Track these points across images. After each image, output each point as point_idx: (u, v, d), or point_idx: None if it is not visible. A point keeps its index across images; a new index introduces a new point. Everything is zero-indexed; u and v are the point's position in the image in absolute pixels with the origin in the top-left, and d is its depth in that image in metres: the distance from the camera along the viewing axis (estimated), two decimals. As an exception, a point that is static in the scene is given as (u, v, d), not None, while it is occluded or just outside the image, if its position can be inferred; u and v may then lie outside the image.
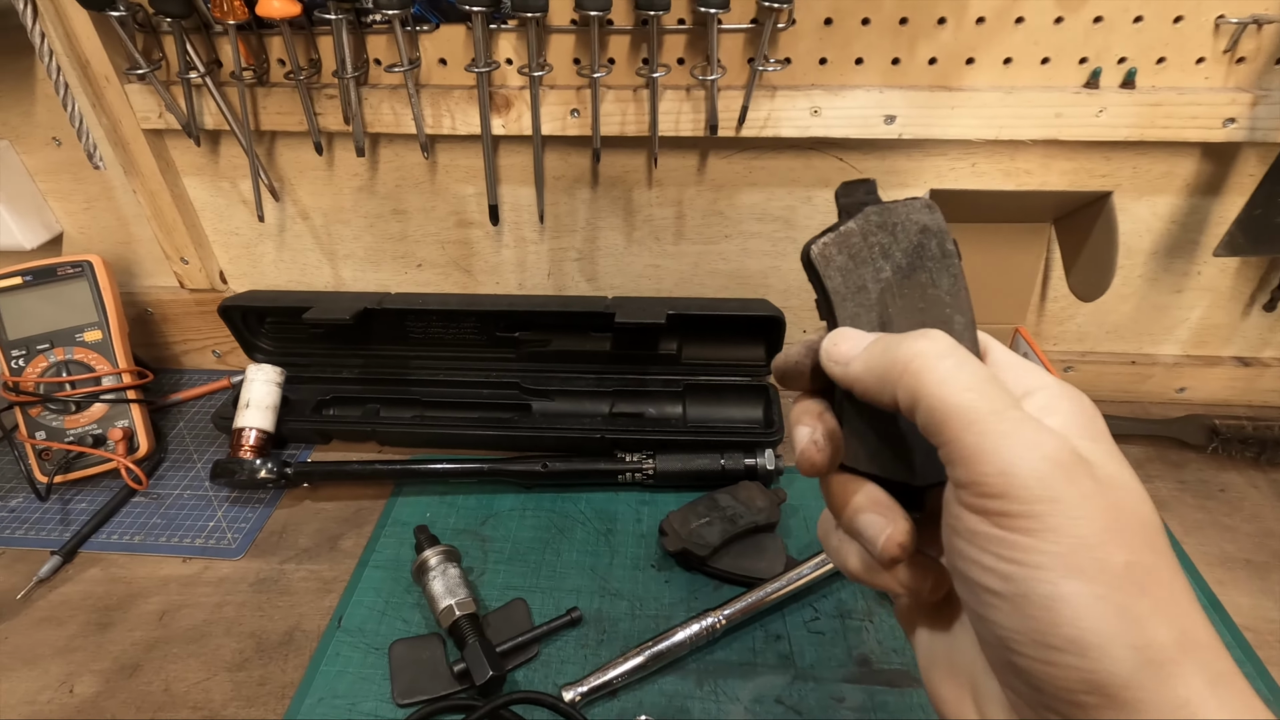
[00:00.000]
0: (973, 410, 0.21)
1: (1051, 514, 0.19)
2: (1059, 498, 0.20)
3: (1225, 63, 0.52)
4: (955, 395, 0.21)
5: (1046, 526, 0.19)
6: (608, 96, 0.55)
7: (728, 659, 0.48)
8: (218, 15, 0.51)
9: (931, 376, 0.21)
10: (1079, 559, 0.19)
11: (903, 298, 0.25)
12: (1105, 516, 0.20)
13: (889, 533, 0.24)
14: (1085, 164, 0.57)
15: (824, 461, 0.25)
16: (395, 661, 0.47)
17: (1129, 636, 0.19)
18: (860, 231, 0.26)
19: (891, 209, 0.26)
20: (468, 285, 0.69)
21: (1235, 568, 0.53)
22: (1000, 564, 0.20)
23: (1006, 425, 0.20)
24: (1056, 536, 0.19)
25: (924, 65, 0.53)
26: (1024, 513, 0.20)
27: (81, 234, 0.70)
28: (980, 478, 0.20)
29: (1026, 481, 0.20)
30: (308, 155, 0.62)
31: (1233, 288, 0.63)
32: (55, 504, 0.60)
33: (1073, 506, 0.20)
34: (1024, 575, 0.19)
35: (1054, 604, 0.19)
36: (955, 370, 0.21)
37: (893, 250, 0.25)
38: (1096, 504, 0.20)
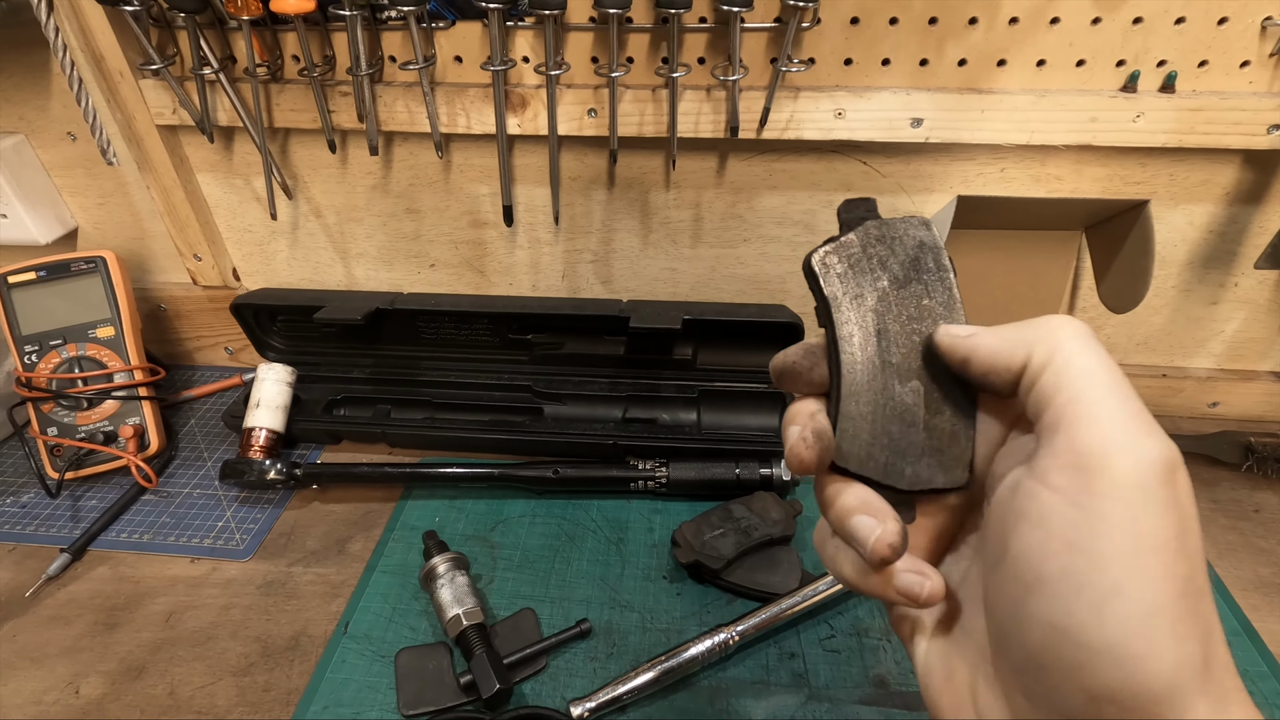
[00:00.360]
0: (1102, 383, 0.21)
1: (1138, 503, 0.19)
2: (1150, 493, 0.19)
3: (1271, 66, 0.50)
4: (1091, 364, 0.21)
5: (1127, 515, 0.19)
6: (626, 96, 0.54)
7: (740, 677, 0.46)
8: (232, 11, 0.50)
9: (1072, 341, 0.22)
10: (1149, 560, 0.19)
11: (898, 307, 0.26)
12: (1180, 526, 0.20)
13: (879, 533, 0.24)
14: (1120, 171, 0.55)
15: (812, 459, 0.25)
16: (401, 671, 0.46)
17: (1171, 653, 0.19)
18: (860, 243, 0.27)
19: (890, 224, 0.27)
20: (481, 286, 0.68)
21: (1271, 593, 0.51)
22: (1066, 551, 0.20)
23: (1128, 409, 0.20)
24: (1133, 529, 0.19)
25: (953, 67, 0.52)
26: (1110, 493, 0.19)
27: (96, 229, 0.69)
28: (1085, 445, 0.20)
29: (1127, 464, 0.19)
30: (321, 153, 0.61)
31: (1271, 300, 0.60)
32: (66, 500, 0.60)
33: (1158, 505, 0.19)
34: (1088, 564, 0.19)
35: (1111, 599, 0.19)
36: (1094, 345, 0.22)
37: (890, 262, 0.26)
38: (1177, 513, 0.20)
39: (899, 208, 0.59)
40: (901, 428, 0.25)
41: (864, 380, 0.26)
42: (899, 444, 0.25)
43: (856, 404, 0.26)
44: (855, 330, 0.26)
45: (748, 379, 0.64)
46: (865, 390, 0.26)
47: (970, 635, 0.25)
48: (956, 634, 0.26)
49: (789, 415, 0.27)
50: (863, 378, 0.26)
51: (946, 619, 0.26)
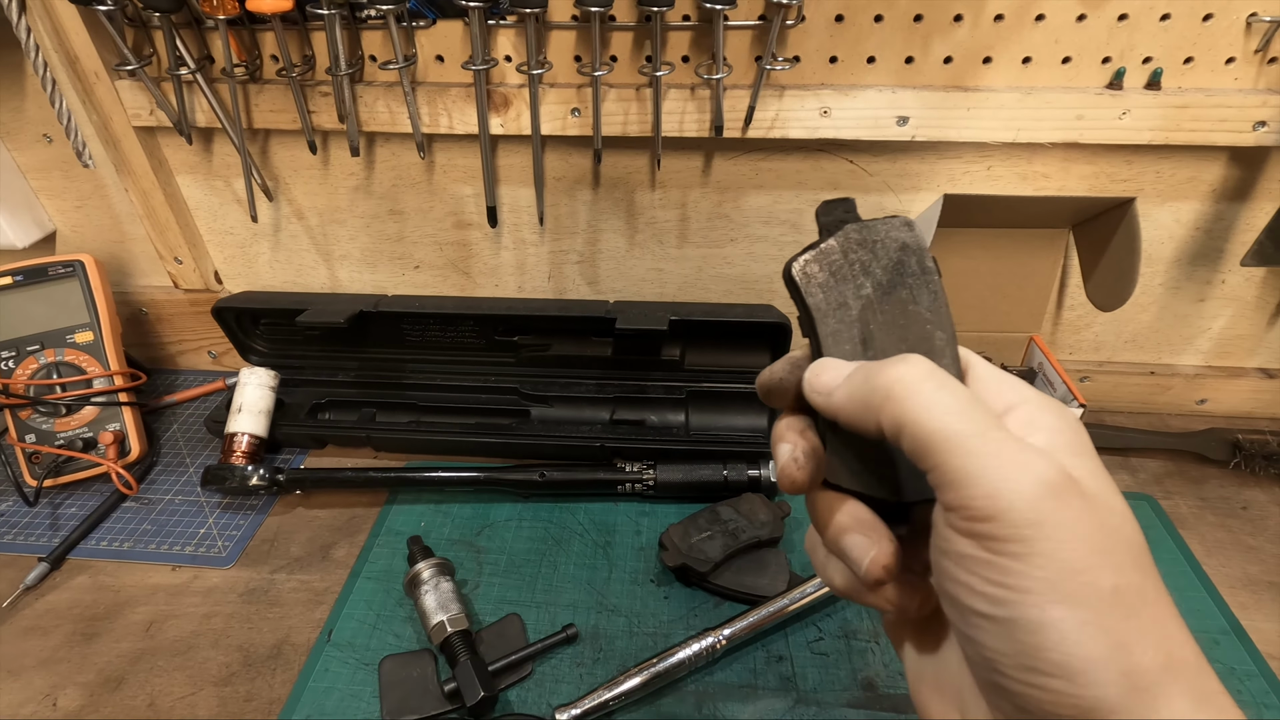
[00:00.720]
0: (957, 434, 0.20)
1: (1039, 537, 0.19)
2: (1046, 520, 0.19)
3: (1257, 63, 0.49)
4: (938, 420, 0.21)
5: (1034, 551, 0.19)
6: (609, 95, 0.53)
7: (728, 680, 0.46)
8: (207, 10, 0.50)
9: (913, 403, 0.21)
10: (1067, 584, 0.19)
11: (883, 314, 0.25)
12: (1094, 538, 0.20)
13: (873, 555, 0.24)
14: (1106, 168, 0.55)
15: (804, 479, 0.25)
16: (385, 679, 0.46)
17: (1116, 662, 0.19)
18: (841, 249, 0.26)
19: (871, 226, 0.26)
20: (466, 288, 0.67)
21: (1259, 590, 0.51)
22: (988, 588, 0.20)
23: (991, 447, 0.20)
24: (1044, 561, 0.19)
25: (939, 64, 0.51)
26: (1012, 536, 0.19)
27: (74, 233, 0.68)
28: (968, 501, 0.20)
29: (1014, 504, 0.19)
30: (302, 154, 0.60)
31: (1258, 297, 0.60)
32: (44, 509, 0.59)
33: (1060, 529, 0.19)
34: (1012, 600, 0.19)
35: (1042, 629, 0.19)
36: (936, 394, 0.21)
37: (873, 267, 0.26)
38: (1085, 525, 0.20)
39: (886, 206, 0.58)
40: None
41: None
42: (889, 457, 0.25)
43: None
44: (842, 340, 0.25)
45: (736, 379, 0.63)
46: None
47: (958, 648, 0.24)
48: (946, 643, 0.25)
49: (777, 432, 0.26)
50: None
51: (937, 627, 0.26)
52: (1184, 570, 0.52)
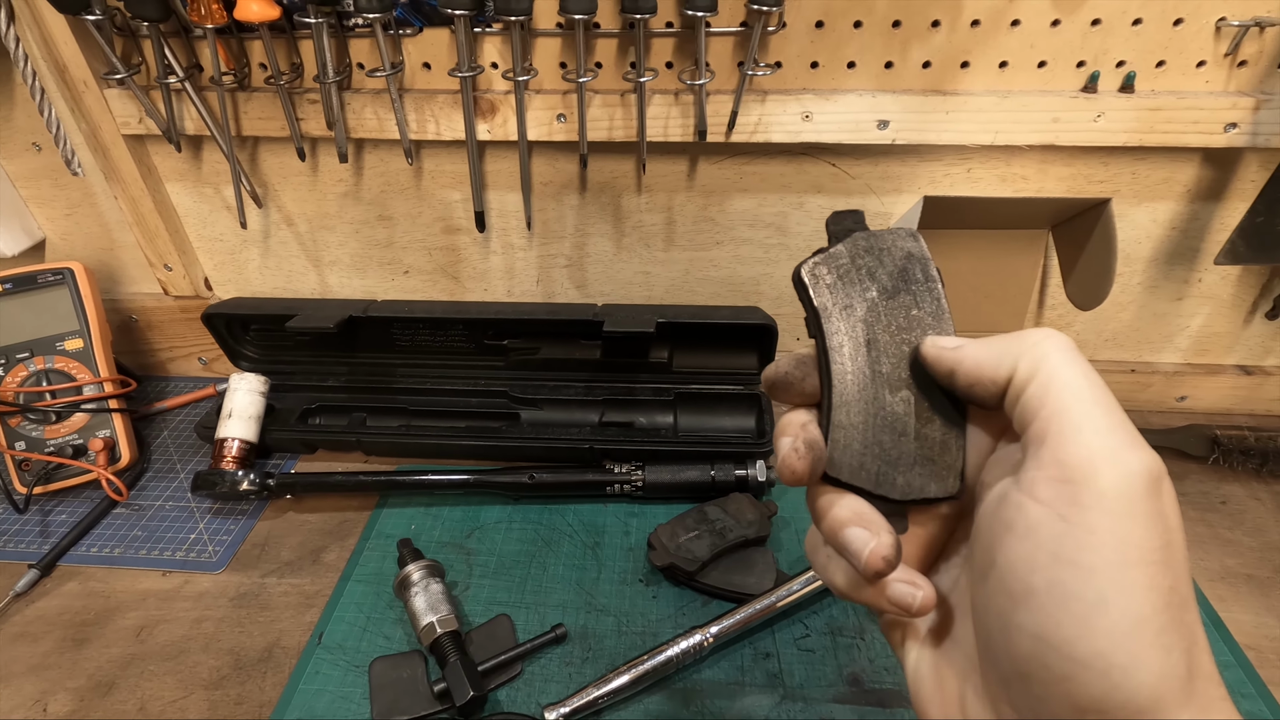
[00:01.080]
0: (1086, 396, 0.21)
1: (1123, 515, 0.19)
2: (1135, 504, 0.19)
3: (1227, 66, 0.50)
4: (1076, 377, 0.21)
5: (1113, 528, 0.19)
6: (594, 101, 0.54)
7: (715, 678, 0.47)
8: (195, 19, 0.50)
9: (1057, 354, 0.22)
10: (1135, 572, 0.19)
11: (887, 317, 0.26)
12: (1165, 538, 0.20)
13: (873, 546, 0.24)
14: (1083, 170, 0.56)
15: (804, 469, 0.25)
16: (375, 680, 0.46)
17: (1156, 664, 0.19)
18: (849, 254, 0.27)
19: (879, 235, 0.27)
20: (455, 292, 0.68)
21: (1237, 583, 0.52)
22: (1053, 564, 0.20)
23: (1112, 421, 0.21)
24: (1119, 543, 0.19)
25: (918, 69, 0.52)
26: (1096, 505, 0.19)
27: (64, 240, 0.69)
28: (1071, 457, 0.20)
29: (1112, 475, 0.20)
30: (291, 161, 0.61)
31: (1234, 295, 0.62)
32: (34, 515, 0.59)
33: (1144, 517, 0.19)
34: (1074, 576, 0.19)
35: (1096, 611, 0.19)
36: (1078, 359, 0.22)
37: (879, 273, 0.26)
38: (1162, 524, 0.20)
39: (868, 209, 0.59)
40: (893, 437, 0.25)
41: (855, 390, 0.26)
42: (890, 454, 0.25)
43: (848, 414, 0.26)
44: (845, 340, 0.26)
45: (723, 381, 0.64)
46: (856, 400, 0.26)
47: (960, 644, 0.25)
48: (947, 643, 0.26)
49: (780, 426, 0.27)
50: (853, 388, 0.26)
51: (938, 627, 0.26)
52: (1164, 564, 0.53)
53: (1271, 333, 0.63)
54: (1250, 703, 0.44)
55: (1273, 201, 0.51)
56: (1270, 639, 0.48)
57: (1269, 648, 0.48)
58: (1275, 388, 0.65)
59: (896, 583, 0.24)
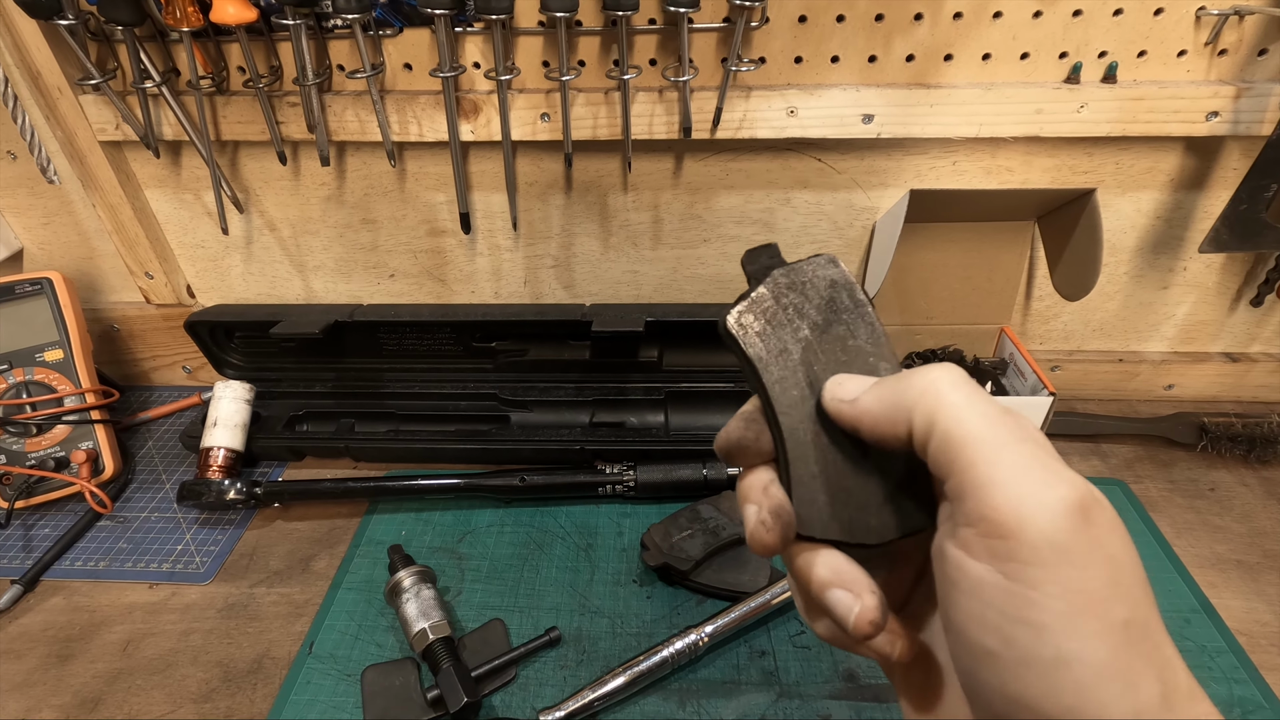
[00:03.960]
0: (988, 440, 0.20)
1: (1060, 562, 0.19)
2: (1069, 544, 0.19)
3: (1207, 55, 0.51)
4: (972, 422, 0.20)
5: (1054, 578, 0.19)
6: (578, 100, 0.54)
7: (711, 677, 0.46)
8: (171, 22, 0.49)
9: (948, 400, 0.21)
10: (1085, 619, 0.18)
11: (825, 353, 0.25)
12: (1108, 568, 0.19)
13: (858, 611, 0.23)
14: (1067, 160, 0.56)
15: (775, 541, 0.24)
16: (367, 689, 0.46)
17: (1126, 700, 0.18)
18: (772, 295, 0.26)
19: (797, 269, 0.26)
20: (442, 295, 0.67)
21: (1227, 569, 0.52)
22: (1004, 624, 0.19)
23: (1021, 459, 0.20)
24: (1062, 591, 0.19)
25: (901, 62, 0.52)
26: (1031, 558, 0.19)
27: (42, 250, 0.68)
28: (991, 513, 0.19)
29: (1038, 523, 0.19)
30: (272, 165, 0.60)
31: (1219, 283, 0.62)
32: (16, 530, 0.58)
33: (1081, 556, 0.19)
34: (1028, 638, 0.19)
35: (1059, 669, 0.18)
36: (971, 399, 0.21)
37: (806, 309, 0.25)
38: (1101, 554, 0.19)
39: (855, 203, 0.59)
40: (856, 480, 0.24)
41: (808, 439, 0.24)
42: (858, 498, 0.24)
43: (806, 466, 0.24)
44: (789, 389, 0.25)
45: (714, 379, 0.64)
46: (811, 450, 0.24)
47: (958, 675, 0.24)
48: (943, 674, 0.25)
49: (742, 492, 0.26)
50: (806, 437, 0.24)
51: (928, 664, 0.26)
52: (1155, 552, 0.53)
53: (1256, 319, 0.64)
54: (1243, 688, 0.45)
55: (1255, 189, 0.51)
56: (1260, 624, 0.48)
57: (1259, 632, 0.48)
58: (1261, 374, 0.65)
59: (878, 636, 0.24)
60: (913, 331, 0.64)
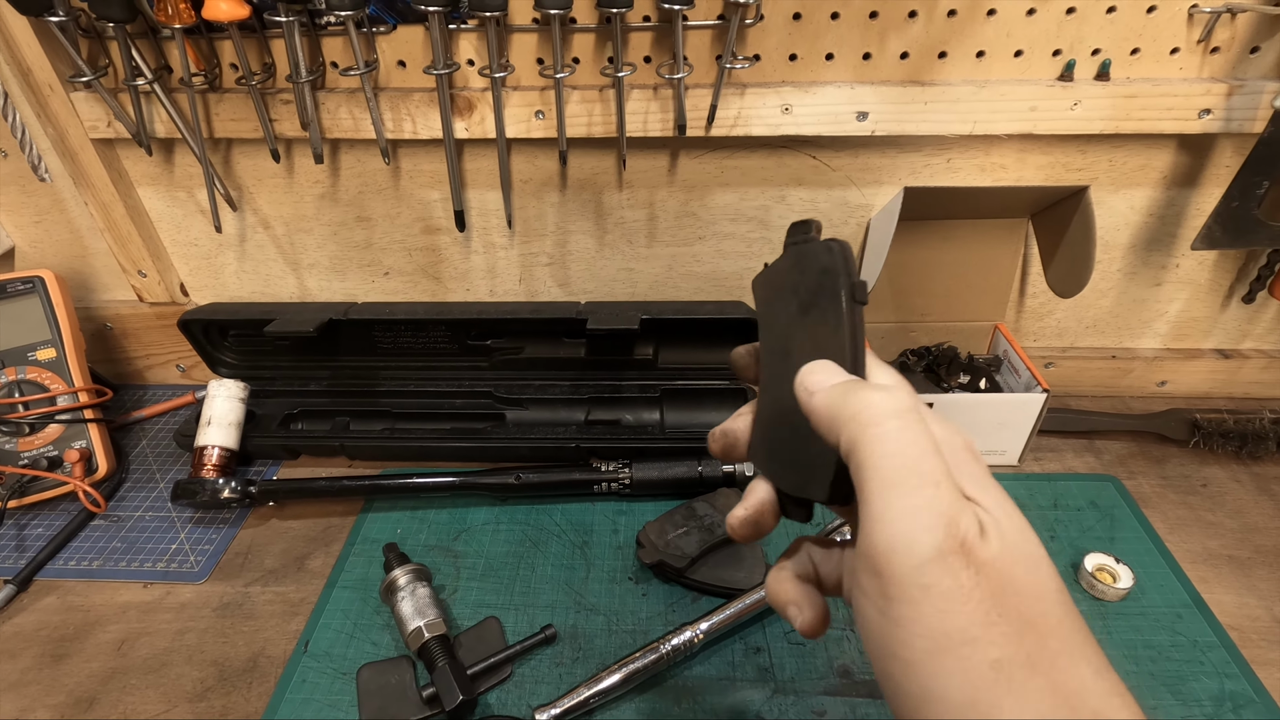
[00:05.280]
0: (893, 479, 0.21)
1: (923, 602, 0.19)
2: (932, 587, 0.19)
3: (1200, 53, 0.51)
4: (886, 458, 0.21)
5: (917, 617, 0.19)
6: (573, 97, 0.53)
7: (706, 674, 0.46)
8: (162, 19, 0.49)
9: (875, 430, 0.22)
10: (947, 660, 0.19)
11: (801, 332, 0.27)
12: (980, 607, 0.19)
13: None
14: (1061, 158, 0.56)
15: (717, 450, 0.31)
16: (363, 687, 0.46)
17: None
18: (784, 269, 0.28)
19: (805, 249, 0.27)
20: (437, 293, 0.67)
21: (1219, 564, 0.52)
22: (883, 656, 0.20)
23: (918, 501, 0.20)
24: (927, 632, 0.19)
25: (895, 60, 0.52)
26: (899, 596, 0.20)
27: (34, 248, 0.67)
28: (870, 549, 0.20)
29: (907, 563, 0.20)
30: (266, 163, 0.60)
31: (1211, 280, 0.62)
32: (10, 530, 0.58)
33: (943, 599, 0.19)
34: (899, 671, 0.20)
35: (925, 705, 0.19)
36: (897, 433, 0.21)
37: (800, 288, 0.27)
38: (976, 594, 0.19)
39: (849, 201, 0.59)
40: (791, 441, 0.27)
41: (772, 393, 0.27)
42: (787, 452, 0.27)
43: (764, 412, 0.28)
44: (770, 349, 0.28)
45: (709, 376, 0.64)
46: (770, 402, 0.28)
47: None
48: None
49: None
50: (770, 391, 0.28)
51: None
52: (1148, 547, 0.54)
53: (1248, 316, 0.64)
54: (1234, 682, 0.45)
55: (1247, 186, 0.51)
56: (1252, 618, 0.49)
57: (1250, 627, 0.48)
58: (1253, 370, 0.65)
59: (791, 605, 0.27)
60: (907, 329, 0.64)
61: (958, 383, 0.62)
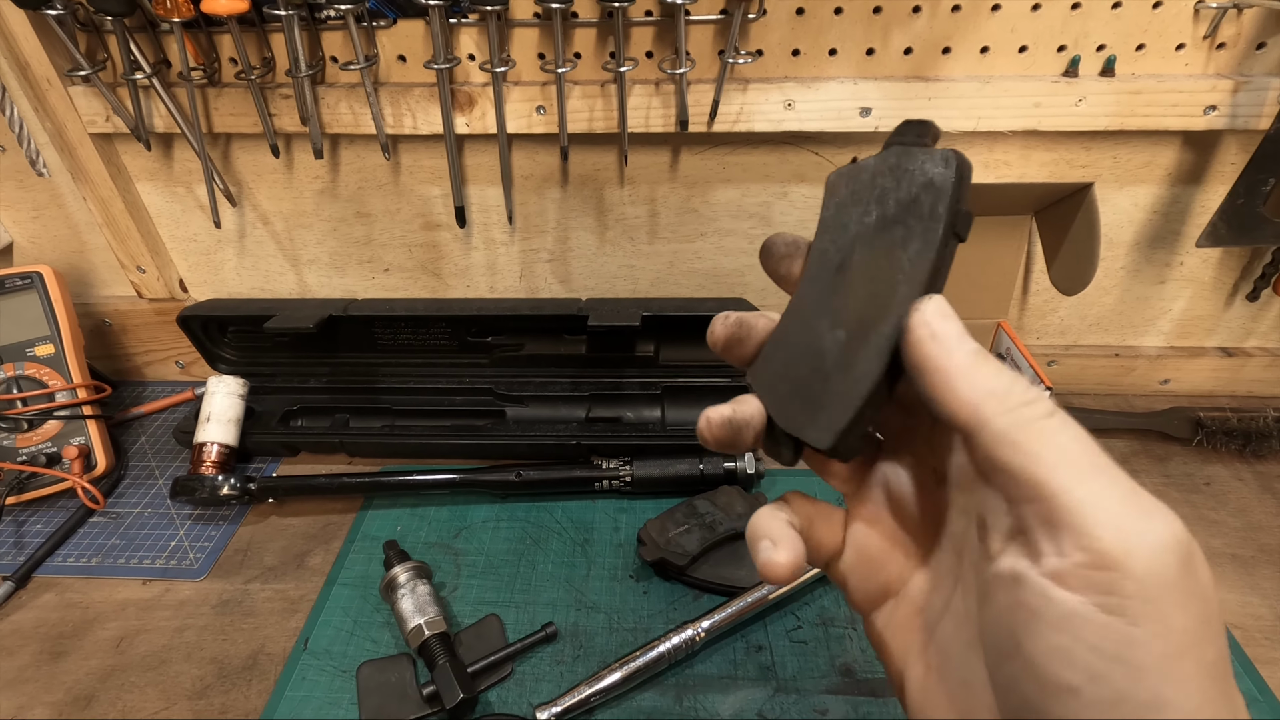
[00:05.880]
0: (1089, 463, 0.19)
1: (1165, 600, 0.18)
2: (1174, 583, 0.18)
3: (1205, 49, 0.51)
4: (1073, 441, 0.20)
5: (1158, 615, 0.18)
6: (574, 92, 0.53)
7: (708, 672, 0.46)
8: (161, 13, 0.49)
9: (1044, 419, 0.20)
10: (1184, 662, 0.18)
11: (870, 249, 0.23)
12: (1203, 605, 0.18)
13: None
14: (1065, 154, 0.56)
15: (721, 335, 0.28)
16: (363, 685, 0.45)
17: None
18: (873, 169, 0.24)
19: (912, 153, 0.23)
20: (437, 289, 0.67)
21: (1222, 563, 0.52)
22: (1096, 660, 0.18)
23: (1123, 486, 0.19)
24: (1164, 630, 0.18)
25: (899, 55, 0.52)
26: (1137, 593, 0.18)
27: (32, 244, 0.67)
28: (1092, 543, 0.18)
29: (1148, 563, 0.18)
30: (265, 158, 0.59)
31: (1216, 278, 0.62)
32: (8, 527, 0.58)
33: (1184, 594, 0.18)
34: (1123, 678, 0.18)
35: (1153, 711, 0.18)
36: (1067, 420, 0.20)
37: (889, 197, 0.23)
38: (1199, 593, 0.18)
39: (852, 197, 0.59)
40: (808, 371, 0.24)
41: (806, 310, 0.24)
42: (798, 386, 0.24)
43: (787, 333, 0.25)
44: (823, 259, 0.24)
45: (710, 373, 0.64)
46: (799, 322, 0.24)
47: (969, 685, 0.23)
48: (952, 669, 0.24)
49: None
50: (806, 308, 0.24)
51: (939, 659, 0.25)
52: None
53: (1252, 314, 0.64)
54: (1238, 682, 0.44)
55: (1252, 184, 0.51)
56: (1255, 617, 0.49)
57: (1254, 626, 0.48)
58: (1256, 369, 0.65)
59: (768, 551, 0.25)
60: (910, 326, 0.64)
61: (960, 380, 0.61)
